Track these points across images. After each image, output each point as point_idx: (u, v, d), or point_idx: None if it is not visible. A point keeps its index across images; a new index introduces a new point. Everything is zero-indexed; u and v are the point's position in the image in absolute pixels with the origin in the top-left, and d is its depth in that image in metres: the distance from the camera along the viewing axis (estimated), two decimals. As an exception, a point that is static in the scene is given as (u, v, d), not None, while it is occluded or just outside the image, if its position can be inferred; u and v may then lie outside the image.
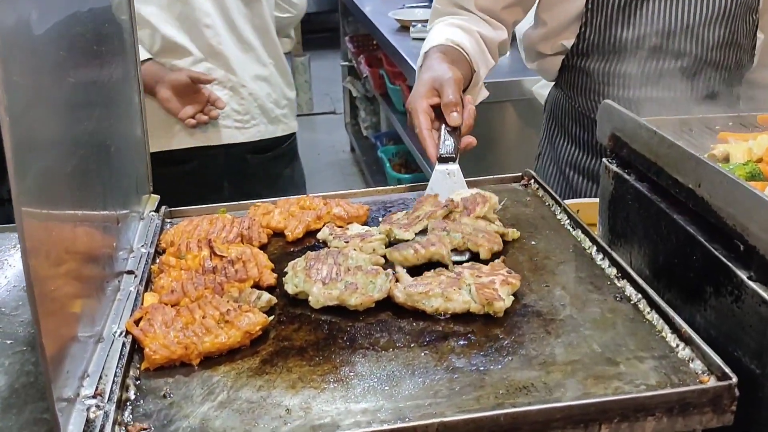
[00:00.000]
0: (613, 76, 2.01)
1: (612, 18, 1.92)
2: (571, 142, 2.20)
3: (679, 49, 1.92)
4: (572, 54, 2.05)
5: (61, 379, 0.99)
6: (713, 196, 1.19)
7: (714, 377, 1.06)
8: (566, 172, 2.21)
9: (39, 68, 1.00)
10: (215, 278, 1.34)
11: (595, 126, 2.07)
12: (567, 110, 2.19)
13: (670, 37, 1.91)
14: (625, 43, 1.94)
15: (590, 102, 2.09)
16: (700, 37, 1.91)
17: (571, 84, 2.13)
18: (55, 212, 1.05)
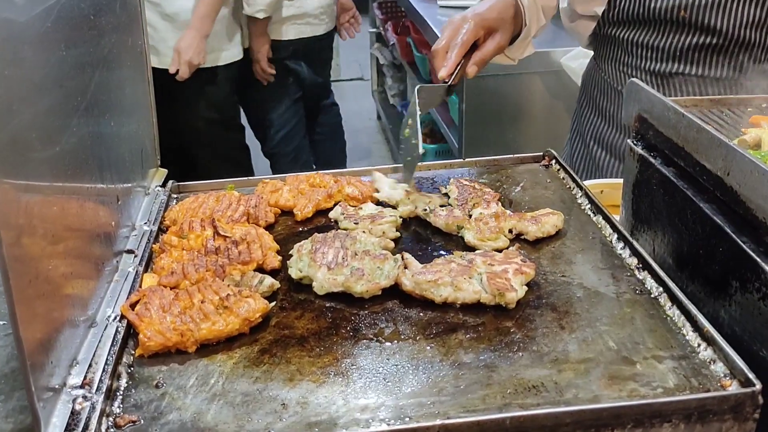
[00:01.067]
0: (642, 48, 1.94)
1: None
2: (598, 115, 2.15)
3: (709, 24, 1.83)
4: (603, 22, 2.00)
5: (46, 367, 0.95)
6: (743, 185, 1.11)
7: (737, 382, 0.99)
8: (590, 146, 2.16)
9: (18, 42, 0.95)
10: (217, 260, 1.29)
11: (621, 99, 2.01)
12: (597, 81, 2.14)
13: (700, 10, 1.83)
14: (655, 13, 1.87)
15: (619, 73, 2.03)
16: (732, 13, 1.82)
17: (601, 54, 2.09)
18: (39, 188, 1.00)
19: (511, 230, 1.38)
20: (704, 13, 1.82)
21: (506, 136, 3.55)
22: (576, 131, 2.27)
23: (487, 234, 1.36)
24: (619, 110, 2.04)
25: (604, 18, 1.98)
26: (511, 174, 1.64)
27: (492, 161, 1.71)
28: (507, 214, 1.41)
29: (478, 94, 3.50)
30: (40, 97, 1.02)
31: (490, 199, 1.46)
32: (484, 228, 1.37)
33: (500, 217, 1.39)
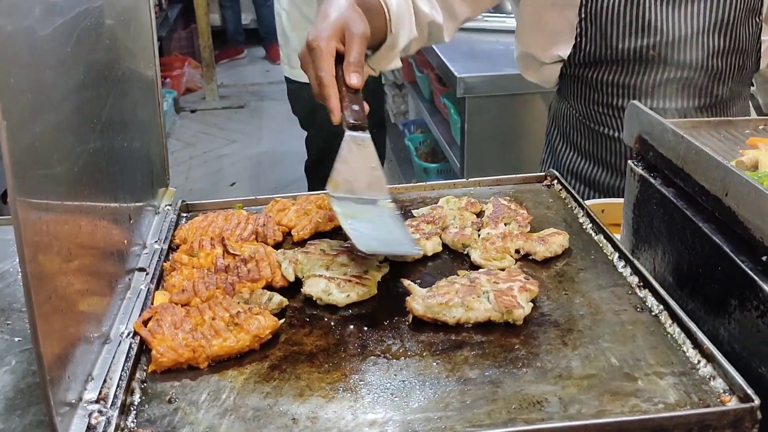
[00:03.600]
0: (612, 86, 1.95)
1: (607, 29, 1.87)
2: (573, 149, 2.15)
3: (678, 59, 1.86)
4: (570, 63, 1.98)
5: (63, 382, 0.97)
6: (740, 206, 1.14)
7: (736, 398, 1.02)
8: (567, 180, 2.16)
9: (41, 66, 0.98)
10: (227, 278, 1.32)
11: (595, 135, 2.04)
12: (568, 118, 2.13)
13: (667, 47, 1.85)
14: (622, 54, 1.88)
15: (590, 111, 2.03)
16: (698, 46, 1.85)
17: (570, 93, 2.08)
18: (58, 207, 1.03)
19: (518, 250, 1.41)
20: (673, 50, 1.85)
21: (508, 155, 3.59)
22: (550, 164, 2.26)
23: (493, 254, 1.39)
24: (593, 146, 2.06)
25: (570, 60, 1.97)
26: (514, 194, 1.67)
27: (495, 181, 1.74)
28: (515, 234, 1.43)
29: (479, 114, 3.54)
30: (59, 120, 1.05)
31: (521, 220, 1.49)
32: (490, 247, 1.39)
33: (507, 237, 1.42)
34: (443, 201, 1.60)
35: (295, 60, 4.14)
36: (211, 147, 7.10)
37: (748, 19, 1.89)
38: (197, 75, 8.51)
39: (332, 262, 1.35)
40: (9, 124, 0.82)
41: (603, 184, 2.08)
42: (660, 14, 1.83)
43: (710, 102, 1.92)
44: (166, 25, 7.94)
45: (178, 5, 8.88)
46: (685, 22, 1.83)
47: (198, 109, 8.07)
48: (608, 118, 2.00)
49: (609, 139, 2.03)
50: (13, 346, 1.22)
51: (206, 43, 8.09)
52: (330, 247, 1.41)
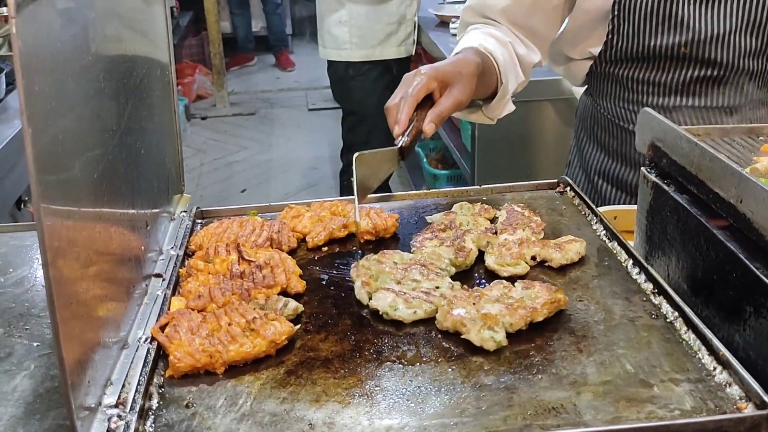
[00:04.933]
0: (643, 84, 1.96)
1: (639, 26, 1.88)
2: (600, 149, 2.15)
3: (710, 58, 1.86)
4: (600, 60, 2.00)
5: (82, 386, 0.98)
6: (755, 213, 1.14)
7: (752, 405, 1.02)
8: (594, 180, 2.17)
9: (63, 74, 0.99)
10: (243, 283, 1.33)
11: (625, 134, 2.05)
12: (596, 117, 2.14)
13: (699, 45, 1.85)
14: (654, 51, 1.89)
15: (619, 109, 2.04)
16: (730, 45, 1.85)
17: (599, 91, 2.09)
18: (79, 213, 1.04)
19: (535, 257, 1.41)
20: (705, 48, 1.85)
21: (518, 162, 3.60)
22: (577, 165, 2.27)
23: (508, 260, 1.39)
24: (622, 144, 2.06)
25: (600, 57, 1.98)
26: (527, 201, 1.67)
27: (507, 188, 1.74)
28: (531, 240, 1.44)
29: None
30: (80, 126, 1.07)
31: (535, 227, 1.49)
32: (505, 253, 1.40)
33: (524, 244, 1.42)
34: (457, 207, 1.61)
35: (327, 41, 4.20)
36: (221, 154, 7.13)
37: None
38: (208, 82, 8.54)
39: (404, 276, 1.34)
40: (33, 130, 0.83)
41: (631, 184, 2.08)
42: (692, 12, 1.84)
43: (740, 102, 1.92)
44: (177, 33, 7.99)
45: (189, 13, 8.93)
46: (718, 20, 1.84)
47: (209, 116, 8.10)
48: (636, 116, 1.99)
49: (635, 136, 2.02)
50: (32, 351, 1.23)
51: (217, 50, 8.13)
52: (402, 259, 1.40)
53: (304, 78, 9.17)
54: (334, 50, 4.19)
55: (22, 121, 0.83)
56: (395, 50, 4.10)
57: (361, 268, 1.36)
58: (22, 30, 0.82)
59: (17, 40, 0.81)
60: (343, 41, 4.11)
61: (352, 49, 4.12)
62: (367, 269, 1.36)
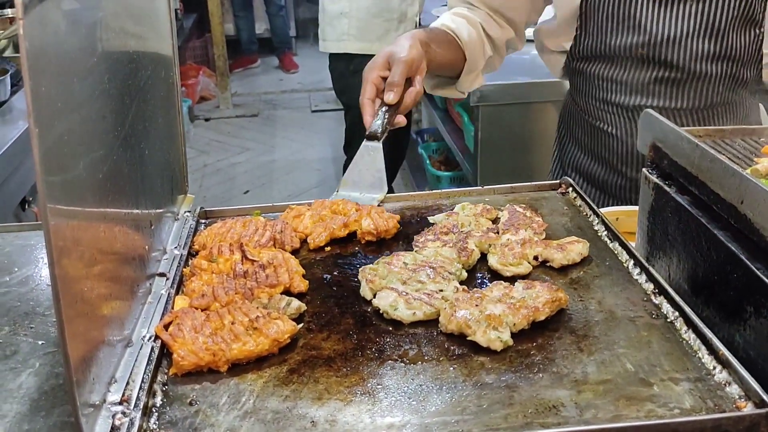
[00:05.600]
0: (608, 81, 2.01)
1: (603, 25, 1.94)
2: (576, 145, 2.21)
3: (667, 60, 1.91)
4: (572, 56, 2.07)
5: (87, 384, 0.99)
6: (756, 213, 1.15)
7: (751, 403, 1.02)
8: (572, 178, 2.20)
9: (69, 75, 1.00)
10: (246, 283, 1.34)
11: (595, 131, 2.09)
12: (573, 114, 2.20)
13: (655, 47, 1.90)
14: (615, 50, 1.95)
15: (591, 107, 2.10)
16: (687, 48, 1.89)
17: (574, 86, 2.16)
18: (83, 213, 1.06)
19: (537, 257, 1.42)
20: (661, 50, 1.90)
21: (521, 163, 3.60)
22: (558, 162, 2.33)
23: (510, 259, 1.40)
24: (593, 142, 2.12)
25: (571, 53, 2.05)
26: (529, 201, 1.68)
27: (510, 188, 1.75)
28: (534, 241, 1.45)
29: (493, 122, 3.56)
30: (85, 128, 1.08)
31: (536, 228, 1.50)
32: (508, 253, 1.41)
33: (527, 244, 1.43)
34: (459, 207, 1.62)
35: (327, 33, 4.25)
36: (224, 155, 7.14)
37: (744, 27, 1.90)
38: (211, 84, 8.56)
39: (410, 277, 1.35)
40: (40, 131, 0.84)
41: (599, 179, 2.14)
42: (650, 14, 1.89)
43: (699, 105, 1.96)
44: (181, 35, 8.01)
45: (193, 15, 8.95)
46: (674, 23, 1.88)
47: (212, 118, 8.12)
48: (602, 113, 2.06)
49: (603, 134, 2.09)
50: (36, 349, 1.24)
51: (220, 52, 8.14)
52: (414, 260, 1.40)
53: (307, 80, 9.19)
54: (334, 42, 4.22)
55: (29, 122, 0.84)
56: None
57: (369, 270, 1.37)
58: (29, 31, 0.83)
59: (25, 41, 0.82)
60: (343, 32, 4.15)
61: (351, 41, 4.15)
62: (374, 270, 1.37)
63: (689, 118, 1.97)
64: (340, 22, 4.13)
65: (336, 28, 4.16)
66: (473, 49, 1.99)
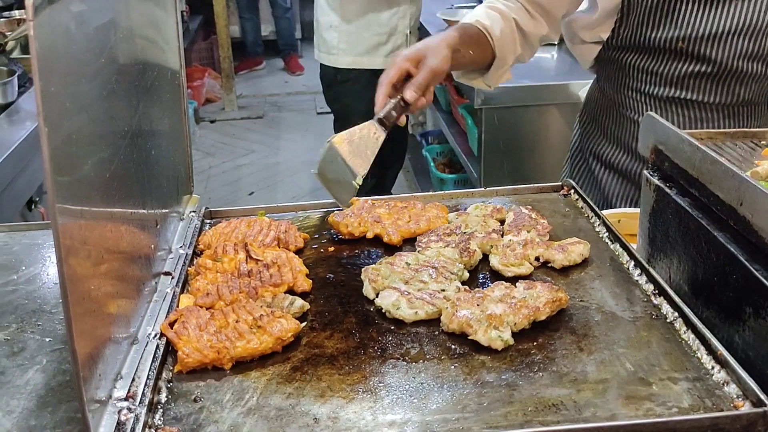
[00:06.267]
0: (643, 72, 2.04)
1: (644, 18, 1.97)
2: (602, 134, 2.24)
3: (706, 55, 1.94)
4: (608, 46, 2.09)
5: (93, 380, 1.01)
6: (755, 215, 1.16)
7: (749, 403, 1.04)
8: (592, 164, 2.26)
9: (77, 76, 1.02)
10: (250, 282, 1.36)
11: (623, 120, 2.13)
12: (601, 103, 2.24)
13: (697, 42, 1.93)
14: (654, 42, 1.98)
15: (621, 96, 2.13)
16: (727, 45, 1.93)
17: (604, 75, 2.18)
18: (91, 213, 1.07)
19: (538, 258, 1.43)
20: (701, 45, 1.93)
21: (525, 166, 3.61)
22: (578, 149, 2.37)
23: (512, 260, 1.41)
24: (620, 130, 2.16)
25: (608, 43, 2.08)
26: (531, 203, 1.69)
27: (512, 190, 1.77)
28: (536, 242, 1.46)
29: (496, 125, 3.57)
30: (93, 127, 1.09)
31: (541, 229, 1.51)
32: (509, 254, 1.42)
33: (528, 245, 1.45)
34: (472, 208, 1.64)
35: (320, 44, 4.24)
36: (230, 157, 7.16)
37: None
38: (217, 86, 8.58)
39: (413, 277, 1.36)
40: (49, 130, 0.86)
41: (623, 168, 2.16)
42: (693, 10, 1.92)
43: (730, 101, 2.00)
44: (187, 36, 8.02)
45: (199, 17, 8.97)
46: (717, 21, 1.91)
47: (217, 120, 8.13)
48: (636, 103, 2.10)
49: (633, 123, 2.12)
50: (44, 346, 1.25)
51: (226, 54, 8.16)
52: (416, 260, 1.42)
53: (312, 82, 9.15)
54: (325, 54, 4.23)
55: (38, 121, 0.85)
56: (382, 61, 4.07)
57: (372, 270, 1.38)
58: (39, 33, 0.85)
59: (35, 43, 0.84)
60: (333, 46, 4.14)
61: (340, 55, 4.14)
62: (377, 270, 1.38)
63: (719, 114, 2.01)
64: (330, 35, 4.12)
65: (327, 40, 4.15)
66: (504, 46, 2.01)
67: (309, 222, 1.67)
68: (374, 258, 1.48)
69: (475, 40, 1.95)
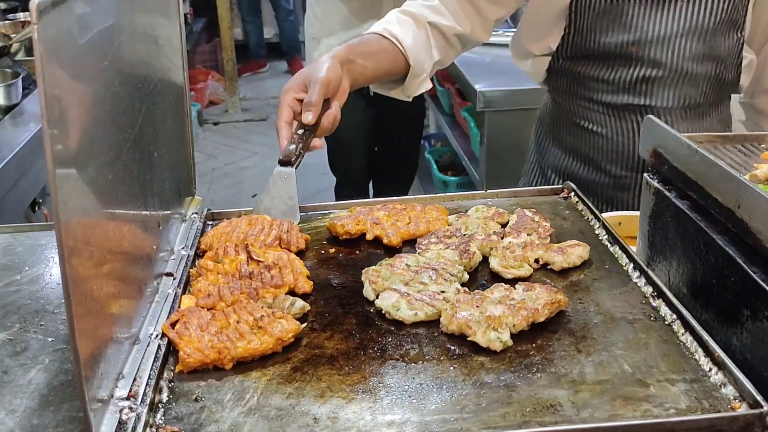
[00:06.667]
0: (594, 80, 2.04)
1: (593, 22, 1.97)
2: (556, 145, 2.24)
3: (656, 59, 1.95)
4: (558, 56, 2.09)
5: (95, 379, 1.02)
6: (753, 218, 1.17)
7: (746, 404, 1.04)
8: (549, 177, 2.25)
9: (81, 78, 1.03)
10: (251, 283, 1.37)
11: (578, 130, 2.13)
12: (554, 115, 2.23)
13: (647, 45, 1.94)
14: (605, 48, 1.98)
15: (575, 106, 2.12)
16: (676, 47, 1.94)
17: (557, 87, 2.18)
18: (93, 214, 1.08)
19: (538, 260, 1.44)
20: (651, 48, 1.94)
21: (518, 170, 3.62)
22: (534, 162, 2.36)
23: (512, 262, 1.42)
24: (577, 141, 2.15)
25: (558, 53, 2.07)
26: (531, 206, 1.70)
27: (513, 192, 1.78)
28: (535, 244, 1.47)
29: (498, 127, 3.58)
30: (96, 129, 1.10)
31: (542, 232, 1.52)
32: (509, 256, 1.43)
33: (528, 247, 1.45)
34: (473, 210, 1.65)
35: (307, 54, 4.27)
36: (233, 159, 7.18)
37: (728, 30, 1.96)
38: (220, 88, 8.60)
39: (413, 279, 1.37)
40: (53, 132, 0.87)
41: (581, 179, 2.15)
42: (640, 12, 1.93)
43: (684, 104, 2.01)
44: (190, 39, 8.05)
45: (203, 19, 9.00)
46: (664, 23, 1.92)
47: (221, 122, 8.16)
48: (589, 112, 2.09)
49: (589, 133, 2.11)
50: (46, 346, 1.26)
51: (229, 56, 8.19)
52: (416, 262, 1.43)
53: (315, 84, 9.20)
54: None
55: (42, 123, 0.86)
56: None
57: (372, 271, 1.39)
58: (43, 35, 0.86)
59: (39, 45, 0.85)
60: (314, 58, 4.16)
61: None
62: (377, 272, 1.39)
63: (673, 118, 2.02)
64: (314, 46, 4.13)
65: (311, 52, 4.17)
66: (418, 54, 1.94)
67: (310, 224, 1.68)
68: (374, 260, 1.49)
69: (376, 51, 1.89)
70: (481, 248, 1.48)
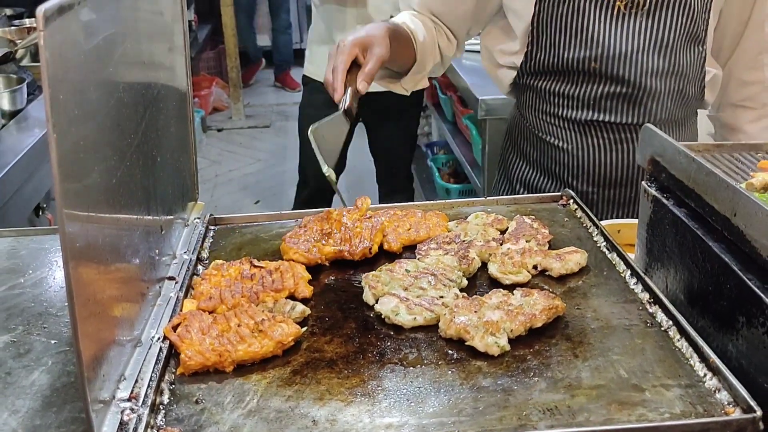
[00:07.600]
0: (559, 96, 2.04)
1: (556, 38, 1.97)
2: (524, 160, 2.24)
3: (618, 75, 1.95)
4: (522, 72, 2.09)
5: (97, 381, 1.04)
6: (748, 226, 1.18)
7: (739, 409, 1.06)
8: (517, 190, 2.25)
9: (86, 84, 1.05)
10: (252, 287, 1.38)
11: (543, 145, 2.14)
12: (521, 129, 2.23)
13: (609, 61, 1.94)
14: (568, 64, 1.98)
15: (539, 121, 2.12)
16: (638, 63, 1.94)
17: (522, 102, 2.18)
18: (97, 218, 1.10)
19: (536, 266, 1.46)
20: (613, 64, 1.94)
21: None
22: (502, 176, 2.37)
23: (510, 268, 1.44)
24: (541, 155, 2.16)
25: (522, 68, 2.08)
26: (531, 213, 1.72)
27: (512, 200, 1.79)
28: (534, 250, 1.48)
29: (500, 135, 3.58)
30: (101, 135, 1.12)
31: (541, 239, 1.54)
32: (507, 262, 1.45)
33: (526, 253, 1.47)
34: (472, 217, 1.66)
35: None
36: (236, 165, 7.20)
37: (690, 45, 1.96)
38: (224, 95, 8.63)
39: (412, 284, 1.38)
40: (58, 137, 0.89)
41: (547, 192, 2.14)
42: (602, 28, 1.93)
43: (649, 120, 1.99)
44: (195, 46, 8.08)
45: (207, 26, 9.03)
46: (625, 39, 1.92)
47: (224, 128, 8.18)
48: (552, 128, 2.10)
49: (552, 148, 2.11)
50: (49, 348, 1.28)
51: (234, 63, 8.21)
52: (416, 267, 1.44)
53: (319, 92, 9.20)
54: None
55: (47, 128, 0.88)
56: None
57: (372, 276, 1.41)
58: (49, 42, 0.87)
59: (45, 52, 0.87)
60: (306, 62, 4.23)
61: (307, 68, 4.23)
62: (377, 277, 1.41)
63: (637, 134, 1.99)
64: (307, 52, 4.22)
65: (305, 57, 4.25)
66: (425, 52, 2.03)
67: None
68: (374, 265, 1.51)
69: (402, 39, 1.96)
70: (480, 254, 1.50)
